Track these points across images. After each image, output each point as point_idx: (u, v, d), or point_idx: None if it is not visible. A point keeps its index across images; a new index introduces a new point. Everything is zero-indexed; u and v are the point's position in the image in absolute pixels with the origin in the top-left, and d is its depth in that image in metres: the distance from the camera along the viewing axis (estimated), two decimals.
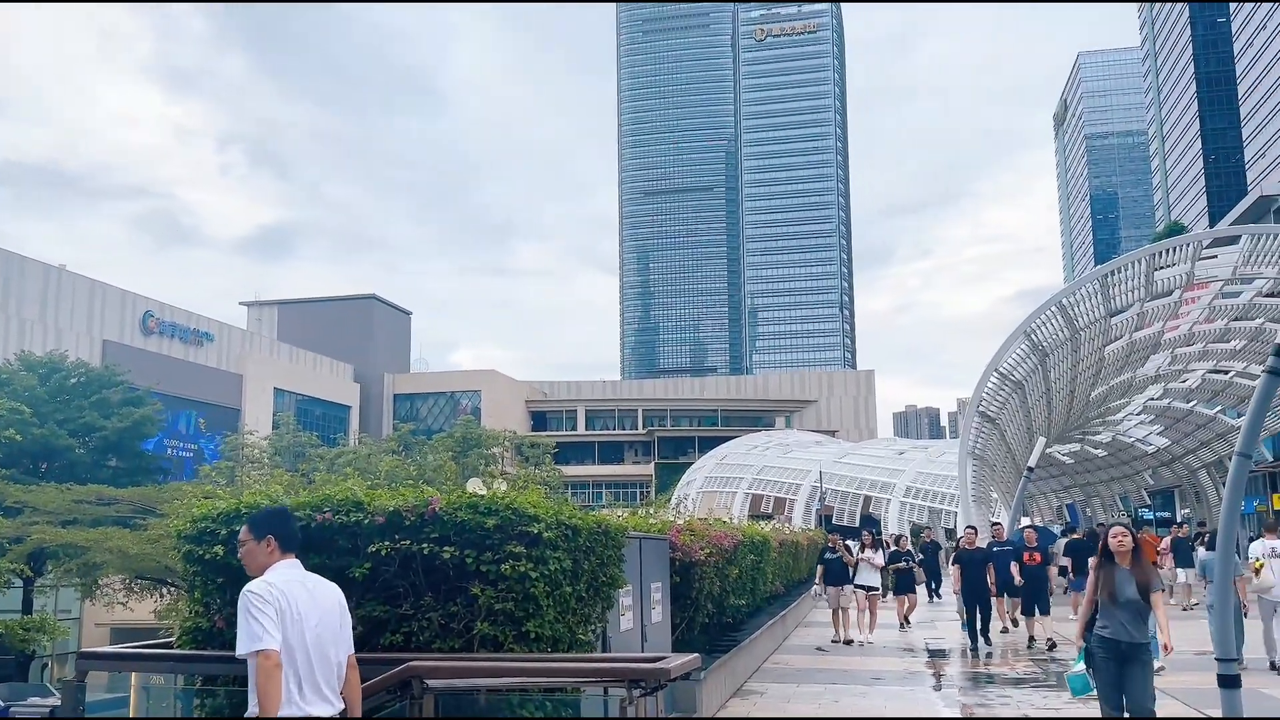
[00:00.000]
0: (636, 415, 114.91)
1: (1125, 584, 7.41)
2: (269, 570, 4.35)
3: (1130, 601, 7.35)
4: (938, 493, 53.18)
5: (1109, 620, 7.40)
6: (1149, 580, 7.45)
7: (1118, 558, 7.54)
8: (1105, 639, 7.40)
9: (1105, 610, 7.45)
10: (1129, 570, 7.48)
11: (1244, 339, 28.71)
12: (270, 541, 4.42)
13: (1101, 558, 7.64)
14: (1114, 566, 7.53)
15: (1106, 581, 7.47)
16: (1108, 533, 7.74)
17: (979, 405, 25.16)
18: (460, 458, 60.11)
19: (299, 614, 4.19)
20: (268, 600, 4.12)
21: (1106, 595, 7.43)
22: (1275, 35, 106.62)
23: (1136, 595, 7.34)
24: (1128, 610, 7.34)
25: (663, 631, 10.27)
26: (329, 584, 4.52)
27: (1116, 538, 7.58)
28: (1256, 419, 7.15)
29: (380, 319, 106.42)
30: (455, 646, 6.41)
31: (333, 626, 4.37)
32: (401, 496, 6.67)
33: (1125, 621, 7.33)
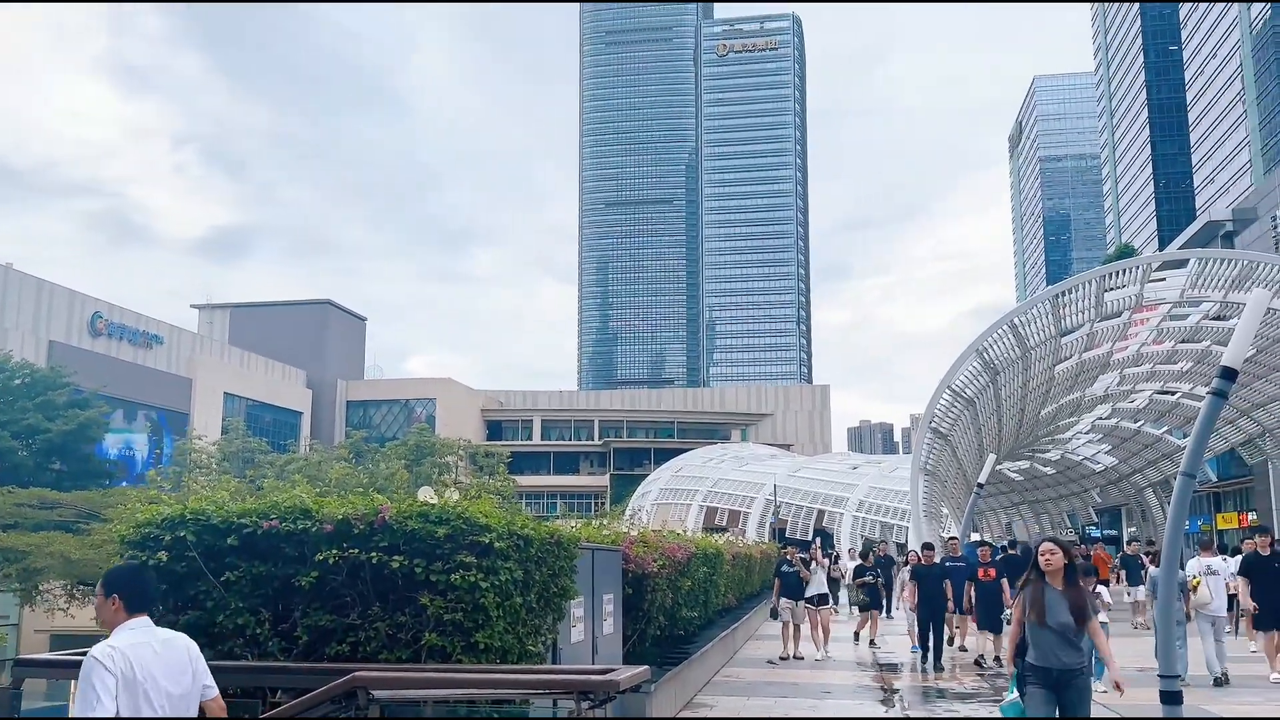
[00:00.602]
0: (593, 426, 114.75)
1: (1056, 605, 6.72)
2: (115, 631, 4.30)
3: (1061, 625, 6.66)
4: (890, 507, 53.62)
5: (1038, 645, 6.75)
6: (1083, 602, 6.77)
7: (1048, 576, 6.84)
8: (1035, 666, 6.76)
9: (1034, 633, 6.77)
10: (1060, 591, 6.78)
11: (1191, 361, 29.30)
12: (116, 600, 4.34)
13: (1030, 576, 6.94)
14: (1044, 586, 6.84)
15: (1035, 602, 6.76)
16: (1037, 549, 7.02)
17: (931, 422, 25.41)
18: (414, 466, 59.58)
19: (146, 676, 4.16)
20: (109, 669, 4.07)
21: (1035, 617, 6.74)
22: (1225, 63, 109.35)
23: (1068, 618, 6.66)
24: (1058, 634, 6.66)
25: (614, 643, 10.22)
26: (179, 638, 4.47)
27: (1045, 554, 6.86)
28: (1200, 439, 7.28)
29: (335, 324, 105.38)
30: (403, 657, 6.34)
31: (184, 683, 4.34)
32: (351, 505, 6.59)
33: (1055, 646, 6.67)
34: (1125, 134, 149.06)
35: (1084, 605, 6.72)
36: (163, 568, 6.54)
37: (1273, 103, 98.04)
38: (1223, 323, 25.71)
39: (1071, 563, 6.85)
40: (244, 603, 6.56)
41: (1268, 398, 31.10)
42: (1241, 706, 11.90)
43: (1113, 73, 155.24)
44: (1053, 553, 6.87)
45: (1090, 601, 6.91)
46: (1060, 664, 6.68)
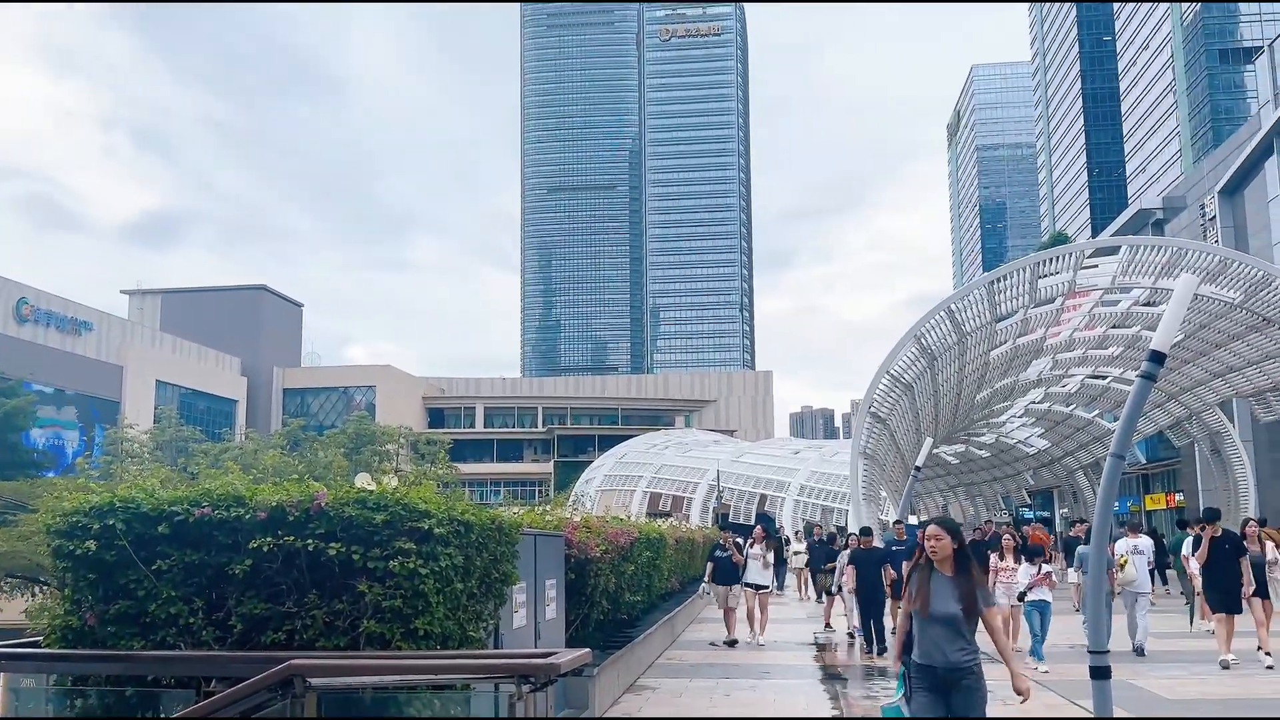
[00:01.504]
0: (536, 413, 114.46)
1: (943, 594, 5.97)
2: None
3: (948, 617, 5.92)
4: (830, 491, 54.29)
5: (923, 639, 6.02)
6: (974, 592, 5.96)
7: (936, 563, 6.08)
8: (920, 664, 6.04)
9: (919, 627, 6.06)
10: (950, 578, 6.02)
11: (1121, 346, 30.02)
12: None
13: (918, 562, 6.21)
14: (931, 573, 6.09)
15: (920, 591, 6.03)
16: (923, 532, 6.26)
17: (871, 406, 25.72)
18: (353, 455, 58.97)
19: None
20: None
21: (919, 608, 6.02)
22: (1157, 54, 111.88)
23: (957, 609, 5.90)
24: (944, 627, 5.93)
25: (557, 628, 10.23)
26: None
27: (930, 539, 6.10)
28: (1130, 422, 7.45)
29: (270, 311, 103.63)
30: (341, 645, 6.27)
31: None
32: (285, 491, 6.50)
33: (941, 641, 5.93)
34: (1060, 123, 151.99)
35: (974, 595, 5.95)
36: (91, 557, 6.39)
37: (1201, 94, 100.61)
38: (1152, 308, 26.37)
39: (962, 547, 6.08)
40: (176, 591, 6.44)
41: (1195, 382, 31.99)
42: (1168, 681, 12.27)
43: (1048, 63, 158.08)
44: (938, 537, 6.08)
45: (983, 590, 6.01)
46: (946, 661, 5.92)
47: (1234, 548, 13.71)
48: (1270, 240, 49.28)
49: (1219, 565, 13.67)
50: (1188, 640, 16.14)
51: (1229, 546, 13.69)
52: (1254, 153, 51.57)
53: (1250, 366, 28.80)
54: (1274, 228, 49.32)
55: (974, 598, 5.94)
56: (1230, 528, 14.65)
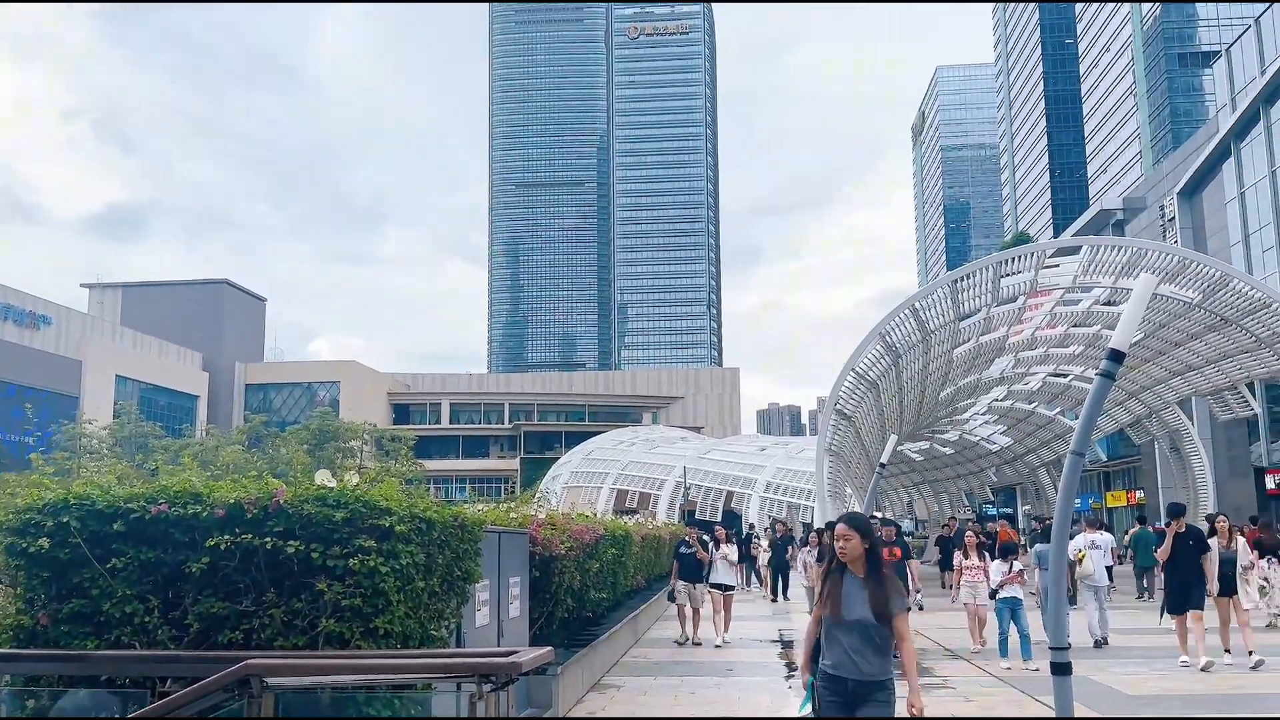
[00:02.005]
0: (503, 409, 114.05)
1: (854, 599, 5.48)
2: None
3: (859, 624, 5.43)
4: (796, 488, 54.57)
5: (832, 648, 5.50)
6: (886, 597, 5.45)
7: (848, 564, 5.58)
8: (828, 674, 5.50)
9: (829, 634, 5.55)
10: (862, 581, 5.52)
11: (1082, 344, 30.38)
12: None
13: (829, 564, 5.71)
14: (843, 575, 5.58)
15: (830, 594, 5.55)
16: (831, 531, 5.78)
17: (836, 404, 25.84)
18: (316, 451, 58.44)
19: None
20: None
21: (829, 613, 5.53)
22: (1118, 57, 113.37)
23: (868, 615, 5.41)
24: (855, 635, 5.43)
25: (520, 626, 10.17)
26: None
27: (839, 538, 5.61)
28: (1089, 419, 7.51)
29: (232, 305, 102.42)
30: (299, 644, 6.19)
31: None
32: (244, 488, 6.40)
33: (851, 650, 5.42)
34: (1023, 125, 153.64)
35: (886, 598, 5.44)
36: (45, 555, 6.27)
37: (1161, 97, 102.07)
38: (1113, 308, 26.69)
39: (873, 547, 5.59)
40: (132, 590, 6.32)
41: (1154, 380, 32.45)
42: (1130, 677, 12.41)
43: (1012, 64, 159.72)
44: (846, 536, 5.55)
45: (896, 594, 5.51)
46: (857, 673, 5.41)
47: (1198, 544, 13.34)
48: (1228, 241, 50.09)
49: (1182, 562, 13.30)
50: (1151, 636, 16.36)
51: (1193, 543, 13.33)
52: (1212, 155, 52.39)
53: (1209, 366, 29.26)
54: (1232, 228, 50.14)
55: (885, 602, 5.43)
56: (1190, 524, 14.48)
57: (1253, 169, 48.18)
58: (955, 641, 15.74)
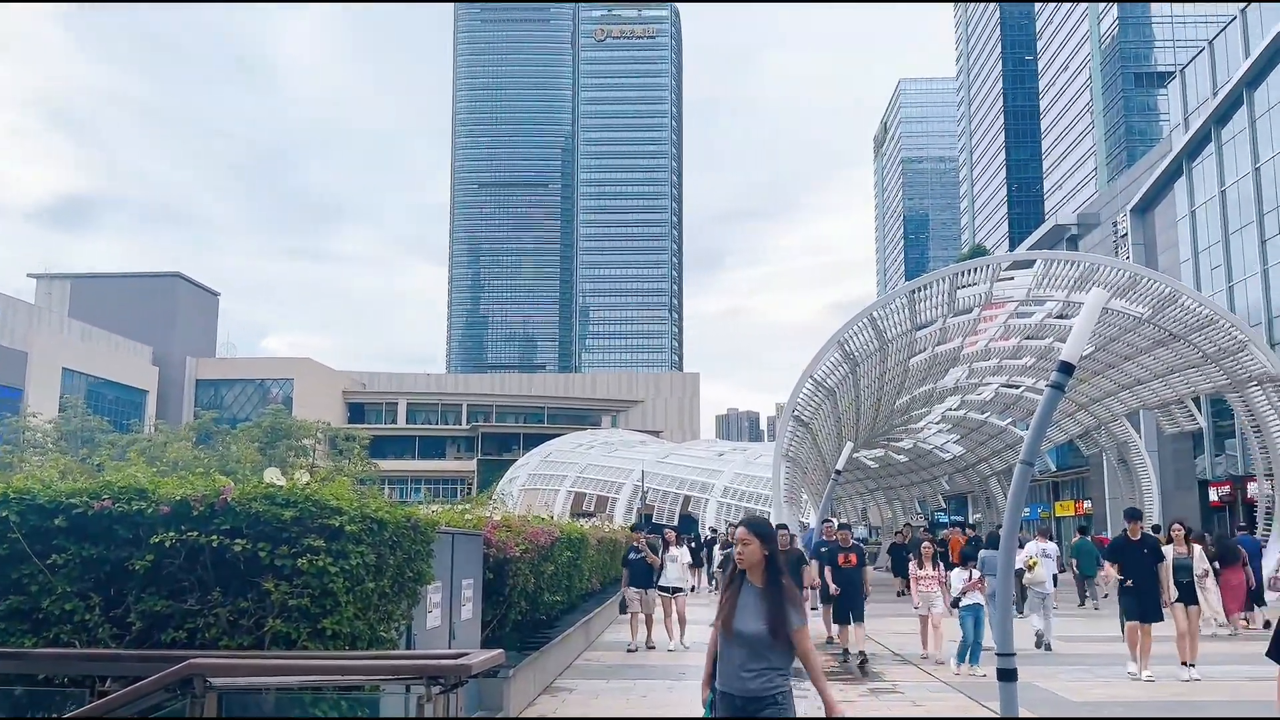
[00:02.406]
0: (461, 410, 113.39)
1: (748, 610, 5.02)
2: None
3: (751, 637, 4.97)
4: (753, 493, 54.80)
5: (725, 663, 5.06)
6: (783, 610, 4.98)
7: (747, 572, 5.14)
8: (720, 690, 5.09)
9: (723, 647, 5.11)
10: (760, 591, 5.06)
11: (1034, 356, 30.83)
12: None
13: (730, 572, 5.26)
14: (742, 584, 5.14)
15: (726, 605, 5.12)
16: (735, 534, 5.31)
17: (794, 410, 26.00)
18: (268, 449, 57.70)
19: None
20: None
21: (721, 625, 5.12)
22: (1076, 75, 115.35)
23: (763, 628, 4.95)
24: (746, 649, 4.97)
25: (472, 629, 10.10)
26: None
27: (739, 542, 5.17)
28: (1039, 429, 7.61)
29: (185, 299, 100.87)
30: (245, 644, 6.10)
31: None
32: (191, 485, 6.31)
33: (741, 665, 4.95)
34: (982, 139, 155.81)
35: (783, 611, 4.97)
36: None
37: (1117, 115, 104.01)
38: (1065, 321, 27.11)
39: (773, 554, 5.13)
40: (72, 587, 6.20)
41: (1104, 393, 33.00)
42: (1075, 684, 12.59)
43: (973, 79, 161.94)
44: (745, 541, 5.13)
45: (795, 606, 5.03)
46: (744, 690, 4.94)
47: (1152, 553, 12.94)
48: (1178, 258, 51.10)
49: (1136, 570, 12.81)
50: (1096, 643, 16.62)
51: (1147, 551, 12.91)
52: (1165, 173, 53.44)
53: (1156, 380, 29.81)
54: (1182, 246, 51.15)
55: (782, 615, 4.95)
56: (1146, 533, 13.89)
57: (1204, 188, 49.20)
58: (905, 647, 15.87)
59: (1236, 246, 46.08)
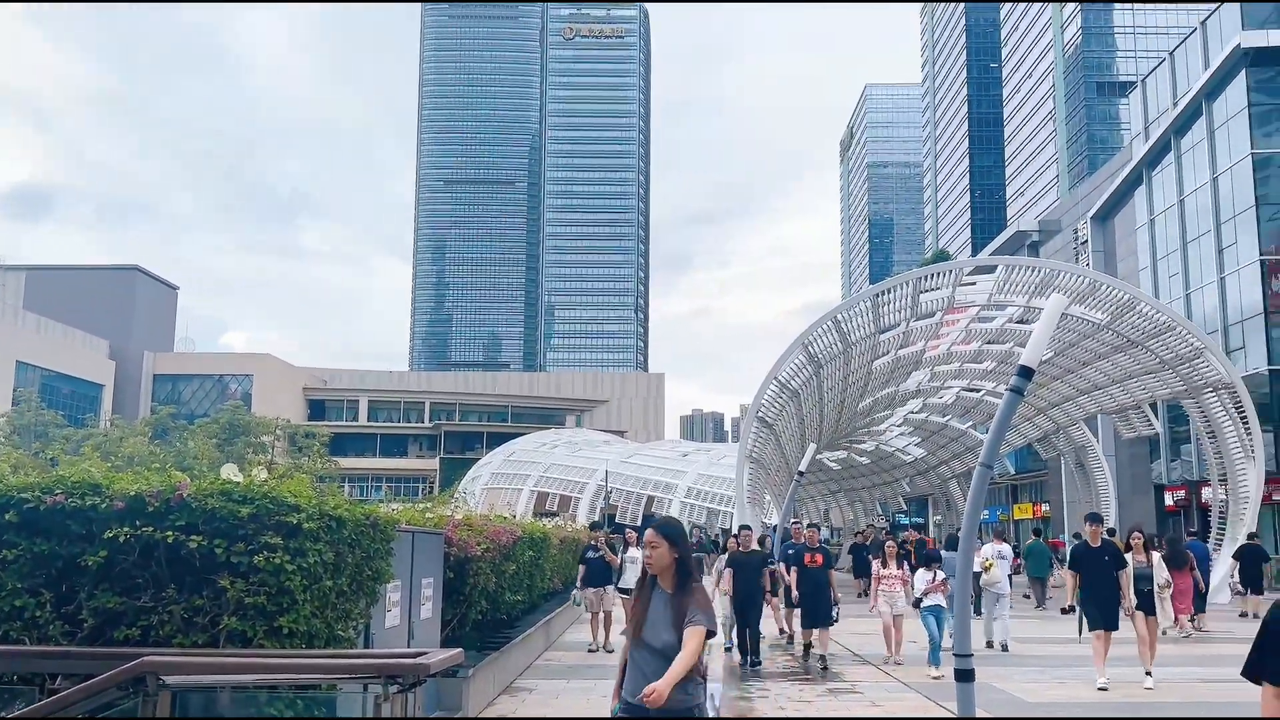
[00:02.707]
0: (423, 408, 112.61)
1: (658, 618, 4.73)
2: None
3: (664, 646, 4.66)
4: (717, 494, 54.92)
5: (632, 674, 4.77)
6: (689, 613, 4.66)
7: (659, 577, 4.83)
8: (627, 702, 4.76)
9: (632, 657, 4.81)
10: (670, 598, 4.75)
11: (995, 361, 31.19)
12: None
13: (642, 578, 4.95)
14: (653, 589, 4.84)
15: (636, 611, 4.83)
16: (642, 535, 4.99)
17: (758, 411, 26.12)
18: (226, 445, 57.00)
19: None
20: None
21: (630, 633, 4.83)
22: (1039, 83, 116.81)
23: (672, 637, 4.64)
24: (657, 659, 4.66)
25: (432, 628, 10.04)
26: None
27: (647, 545, 4.84)
28: (998, 433, 7.70)
29: (143, 293, 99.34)
30: (199, 642, 6.03)
31: None
32: (146, 480, 6.22)
33: (652, 677, 4.59)
34: (946, 145, 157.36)
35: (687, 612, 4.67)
36: None
37: (1079, 124, 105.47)
38: (1025, 326, 27.45)
39: (683, 556, 4.80)
40: (23, 583, 6.09)
41: (1063, 398, 33.45)
42: (1031, 684, 12.74)
43: (938, 86, 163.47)
44: (654, 544, 4.79)
45: (701, 610, 4.70)
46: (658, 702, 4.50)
47: (1114, 559, 12.59)
48: (1137, 266, 51.91)
49: (1097, 577, 12.48)
50: (1053, 645, 16.83)
51: (1108, 559, 12.54)
52: (1125, 182, 54.27)
53: (1114, 385, 30.27)
54: (1141, 253, 51.96)
55: (688, 620, 4.62)
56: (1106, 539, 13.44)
57: (1163, 197, 50.01)
58: (866, 647, 15.98)
59: (1194, 255, 46.87)
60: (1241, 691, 11.97)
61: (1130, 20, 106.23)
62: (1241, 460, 27.08)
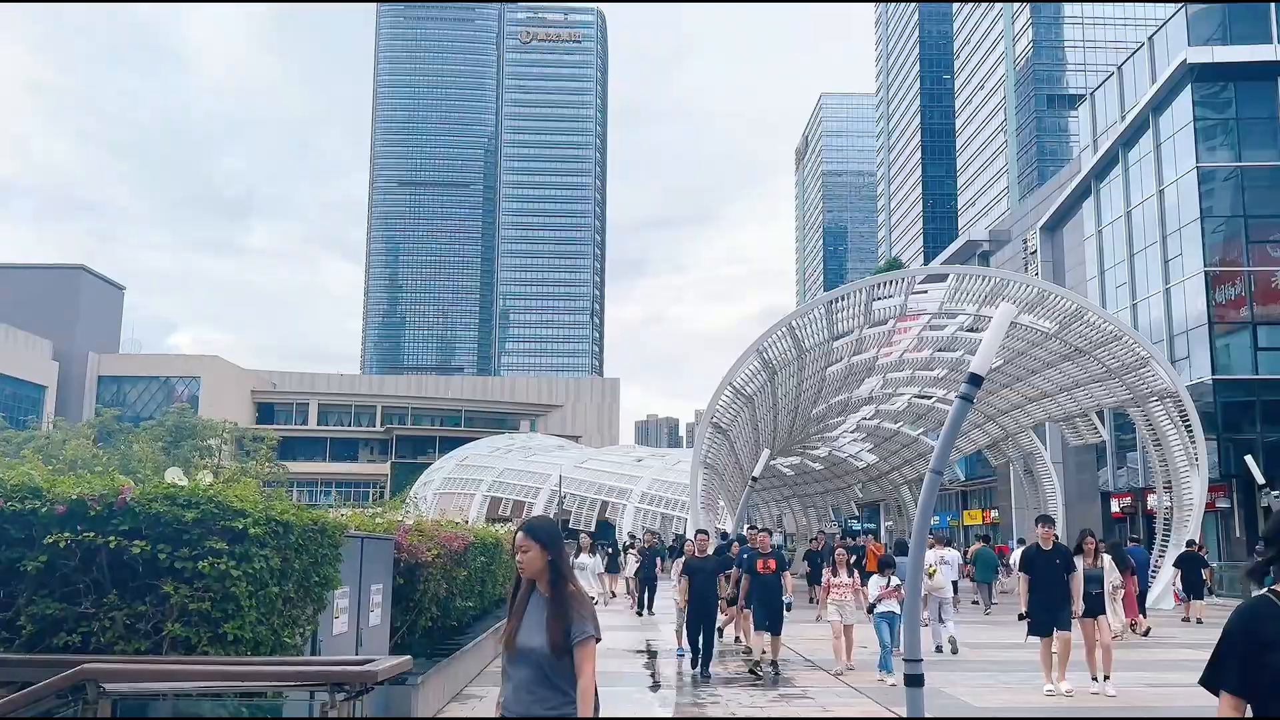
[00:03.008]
0: (375, 412, 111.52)
1: (532, 623, 4.48)
2: None
3: (532, 654, 4.42)
4: (671, 499, 55.07)
5: (505, 683, 4.53)
6: (565, 621, 4.40)
7: (536, 581, 4.58)
8: (503, 716, 4.50)
9: (507, 665, 4.56)
10: (545, 602, 4.51)
11: (946, 368, 31.58)
12: None
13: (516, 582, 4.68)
14: (531, 594, 4.60)
15: (513, 617, 4.57)
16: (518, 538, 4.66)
17: (713, 417, 26.20)
18: (172, 449, 55.98)
19: None
20: None
21: (503, 640, 4.59)
22: (991, 95, 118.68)
23: (544, 645, 4.38)
24: (528, 667, 4.42)
25: (380, 635, 9.93)
26: None
27: (519, 549, 4.59)
28: (948, 439, 7.78)
29: (88, 292, 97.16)
30: (142, 649, 5.90)
31: None
32: (88, 484, 6.08)
33: (523, 686, 4.40)
34: (900, 155, 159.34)
35: (565, 623, 4.39)
36: None
37: (1029, 136, 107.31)
38: (975, 334, 27.83)
39: (555, 559, 4.56)
40: None
41: (1012, 405, 33.96)
42: (979, 689, 12.88)
43: (891, 96, 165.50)
44: (524, 547, 4.57)
45: (579, 619, 4.42)
46: (529, 715, 4.37)
47: (1064, 563, 12.36)
48: (1085, 276, 52.85)
49: (1047, 581, 12.29)
50: (1002, 650, 17.03)
51: (1059, 562, 12.33)
52: (1074, 193, 55.26)
53: (1062, 393, 30.78)
54: (1089, 264, 52.91)
55: (564, 628, 4.38)
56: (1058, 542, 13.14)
57: (1110, 208, 50.98)
58: (818, 653, 16.07)
59: (1141, 265, 47.79)
60: (1185, 696, 12.20)
61: (1080, 35, 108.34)
62: (1185, 468, 27.63)
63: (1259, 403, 41.25)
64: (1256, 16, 45.30)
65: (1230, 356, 41.95)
